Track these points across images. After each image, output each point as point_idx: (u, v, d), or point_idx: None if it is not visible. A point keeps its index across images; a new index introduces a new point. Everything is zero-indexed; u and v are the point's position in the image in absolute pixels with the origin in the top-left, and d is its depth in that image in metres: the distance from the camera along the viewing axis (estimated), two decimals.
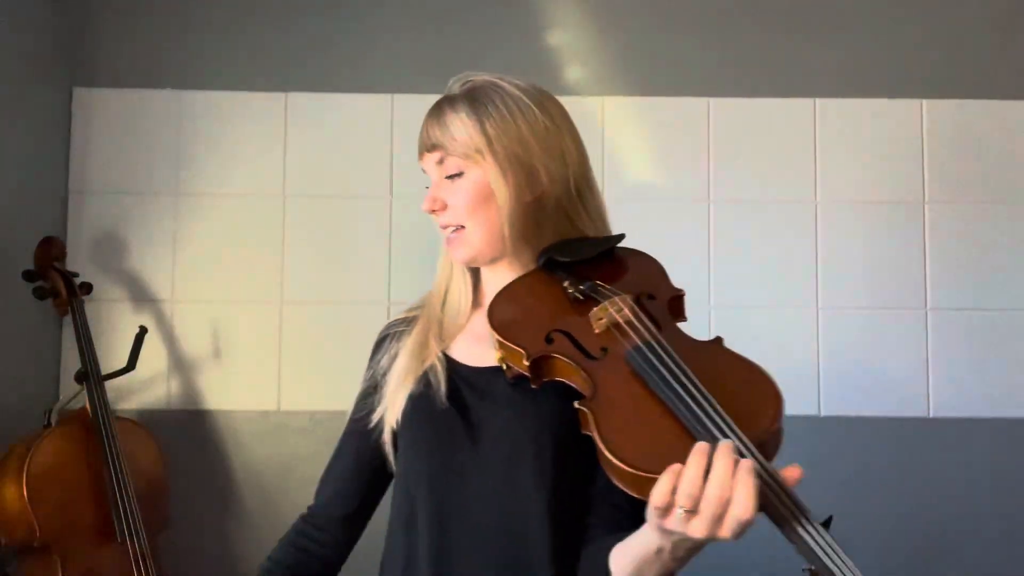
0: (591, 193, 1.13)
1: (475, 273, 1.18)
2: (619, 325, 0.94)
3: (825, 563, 0.74)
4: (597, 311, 0.96)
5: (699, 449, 0.77)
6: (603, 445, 0.82)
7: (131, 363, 1.90)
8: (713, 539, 0.77)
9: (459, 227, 1.09)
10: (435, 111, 1.10)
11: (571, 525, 1.02)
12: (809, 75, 2.12)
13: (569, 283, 1.02)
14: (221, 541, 2.03)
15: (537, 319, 1.00)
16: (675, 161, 2.11)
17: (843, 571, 0.73)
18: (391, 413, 1.11)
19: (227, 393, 2.06)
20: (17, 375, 1.89)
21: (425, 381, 1.09)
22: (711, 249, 2.09)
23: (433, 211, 1.10)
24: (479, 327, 1.10)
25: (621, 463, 0.80)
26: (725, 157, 2.10)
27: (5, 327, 1.85)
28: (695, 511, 0.75)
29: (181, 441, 2.01)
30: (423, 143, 1.11)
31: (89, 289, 1.97)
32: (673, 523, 0.77)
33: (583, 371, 0.91)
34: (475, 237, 1.09)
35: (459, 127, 1.06)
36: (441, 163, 1.09)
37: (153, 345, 2.03)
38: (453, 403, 1.07)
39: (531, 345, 0.96)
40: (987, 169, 2.10)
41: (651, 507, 0.78)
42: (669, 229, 2.09)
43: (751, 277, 2.07)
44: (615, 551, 0.92)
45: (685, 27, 2.14)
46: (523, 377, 0.98)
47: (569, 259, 1.06)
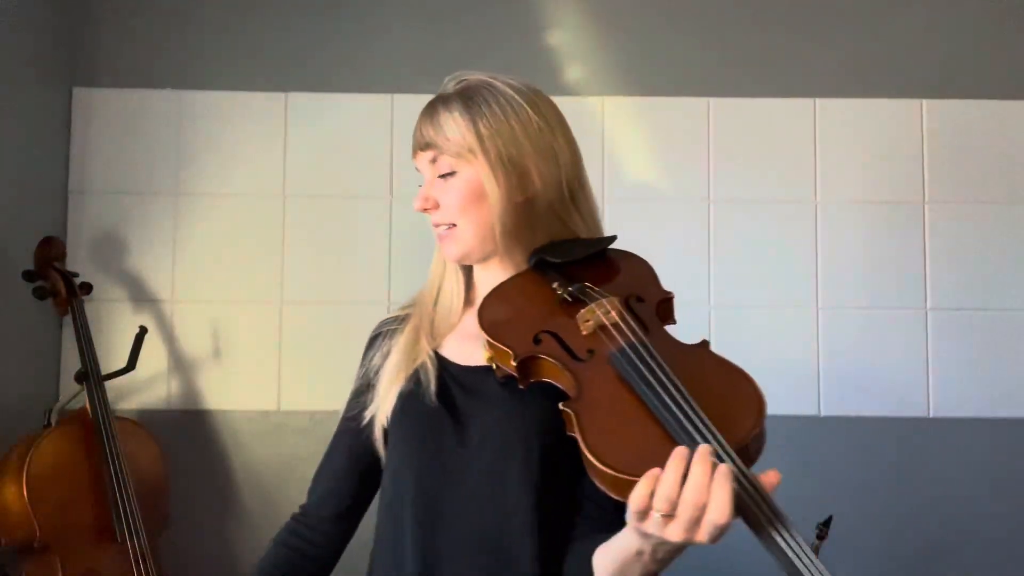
0: (584, 194, 1.13)
1: (468, 272, 1.18)
2: (606, 327, 0.94)
3: (799, 568, 0.74)
4: (584, 313, 0.96)
5: (677, 454, 0.77)
6: (585, 447, 0.83)
7: (131, 363, 1.90)
8: (690, 543, 0.77)
9: (451, 225, 1.10)
10: (429, 110, 1.10)
11: (557, 525, 1.03)
12: (809, 75, 2.12)
13: (559, 284, 1.02)
14: (221, 541, 2.03)
15: (526, 320, 1.00)
16: (675, 161, 2.11)
17: None
18: (382, 410, 1.11)
19: (227, 393, 2.06)
20: (17, 375, 1.89)
21: (415, 379, 1.10)
22: (711, 249, 2.09)
23: (425, 209, 1.11)
24: (471, 326, 1.10)
25: (602, 465, 0.81)
26: (725, 157, 2.10)
27: (5, 327, 1.85)
28: (672, 515, 0.76)
29: (181, 441, 2.01)
30: (416, 142, 1.11)
31: (89, 289, 1.97)
32: (651, 526, 0.78)
33: (569, 372, 0.92)
34: (466, 235, 1.09)
35: (452, 126, 1.06)
36: (434, 162, 1.09)
37: (153, 345, 2.03)
38: (443, 402, 1.08)
39: (519, 346, 0.96)
40: (987, 169, 2.10)
41: (630, 510, 0.79)
42: (669, 229, 2.09)
43: (751, 277, 2.07)
44: (598, 552, 0.93)
45: (685, 27, 2.14)
46: (512, 377, 0.98)
47: (560, 260, 1.06)
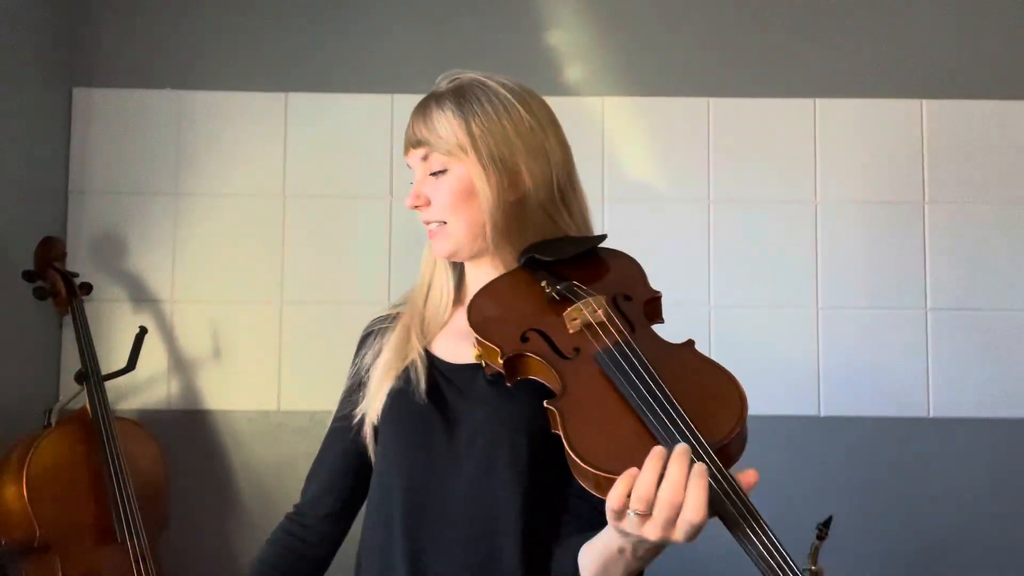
0: (575, 194, 1.13)
1: (459, 271, 1.18)
2: (592, 326, 0.95)
3: (773, 567, 0.75)
4: (571, 311, 0.97)
5: (655, 453, 0.78)
6: (568, 444, 0.84)
7: (131, 363, 1.90)
8: (667, 542, 0.78)
9: (441, 223, 1.10)
10: (421, 108, 1.11)
11: (544, 523, 1.03)
12: (809, 75, 2.12)
13: (547, 283, 1.03)
14: (221, 541, 2.03)
15: (514, 318, 1.01)
16: (675, 161, 2.11)
17: None
18: (372, 409, 1.12)
19: (227, 393, 2.06)
20: (17, 375, 1.89)
21: (405, 377, 1.10)
22: (711, 249, 2.09)
23: (416, 207, 1.11)
24: (461, 324, 1.10)
25: (583, 463, 0.81)
26: (725, 157, 2.10)
27: (5, 327, 1.85)
28: (648, 514, 0.76)
29: (181, 441, 2.01)
30: (409, 139, 1.12)
31: (89, 289, 1.97)
32: (627, 525, 0.78)
33: (555, 370, 0.92)
34: (457, 233, 1.09)
35: (444, 124, 1.07)
36: (426, 159, 1.10)
37: (153, 345, 2.03)
38: (432, 399, 1.08)
39: (506, 343, 0.97)
40: (987, 169, 2.10)
41: (608, 509, 0.79)
42: (669, 229, 2.09)
43: (751, 277, 2.07)
44: (583, 550, 0.93)
45: (685, 27, 2.14)
46: (501, 375, 0.98)
47: (550, 259, 1.06)
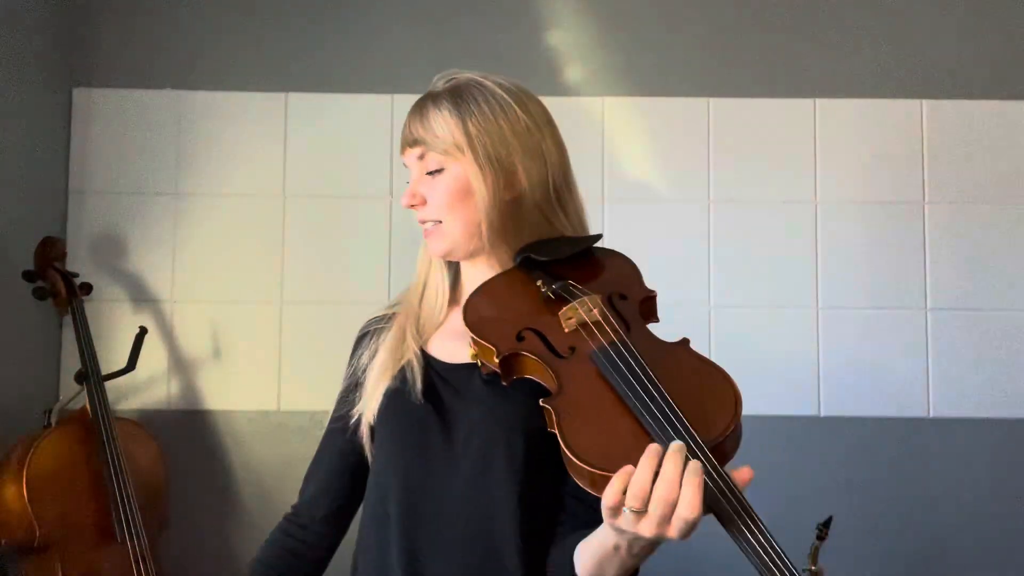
0: (570, 194, 1.14)
1: (454, 270, 1.18)
2: (588, 325, 0.95)
3: (768, 565, 0.75)
4: (567, 310, 0.97)
5: (650, 451, 0.79)
6: (563, 442, 0.84)
7: (131, 363, 1.90)
8: (662, 539, 0.79)
9: (436, 222, 1.11)
10: (418, 107, 1.11)
11: (541, 522, 1.04)
12: (809, 75, 2.12)
13: (543, 282, 1.03)
14: (221, 541, 2.03)
15: (510, 317, 1.01)
16: (675, 161, 2.11)
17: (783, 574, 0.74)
18: (369, 409, 1.12)
19: (227, 393, 2.06)
20: (17, 375, 1.89)
21: (402, 377, 1.10)
22: (711, 249, 2.08)
23: (412, 206, 1.12)
24: (457, 324, 1.11)
25: (579, 461, 0.82)
26: (725, 157, 2.10)
27: (5, 327, 1.85)
28: (643, 511, 0.77)
29: (181, 441, 2.01)
30: (405, 138, 1.12)
31: (89, 289, 1.97)
32: (623, 522, 0.79)
33: (551, 369, 0.93)
34: (452, 232, 1.10)
35: (441, 124, 1.07)
36: (422, 158, 1.10)
37: (153, 345, 2.03)
38: (429, 399, 1.08)
39: (502, 343, 0.98)
40: (987, 169, 2.10)
41: (603, 506, 0.80)
42: (669, 229, 2.09)
43: (751, 277, 2.07)
44: (578, 548, 0.94)
45: (685, 27, 2.14)
46: (497, 374, 0.99)
47: (545, 258, 1.07)
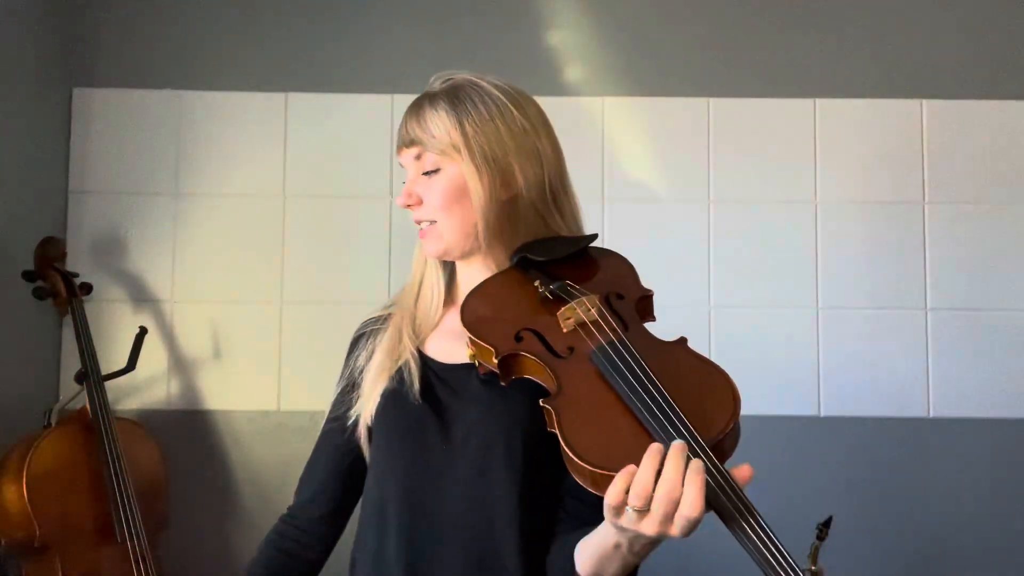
0: (566, 195, 1.14)
1: (449, 270, 1.19)
2: (586, 325, 0.95)
3: (770, 561, 0.76)
4: (565, 310, 0.97)
5: (652, 450, 0.79)
6: (564, 442, 0.84)
7: (131, 363, 1.90)
8: (665, 537, 0.79)
9: (432, 222, 1.11)
10: (414, 107, 1.11)
11: (540, 521, 1.04)
12: (809, 75, 2.12)
13: (540, 282, 1.03)
14: (221, 541, 2.03)
15: (508, 318, 1.01)
16: (675, 161, 2.11)
17: (786, 572, 0.75)
18: (366, 410, 1.12)
19: (227, 393, 2.06)
20: (17, 375, 1.89)
21: (399, 377, 1.11)
22: (711, 249, 2.09)
23: (408, 205, 1.12)
24: (454, 324, 1.11)
25: (580, 460, 0.82)
26: (725, 157, 2.10)
27: (5, 327, 1.85)
28: (646, 510, 0.77)
29: (181, 441, 2.01)
30: (401, 138, 1.12)
31: (89, 289, 1.97)
32: (625, 521, 0.80)
33: (549, 370, 0.93)
34: (448, 232, 1.10)
35: (437, 124, 1.08)
36: (418, 159, 1.10)
37: (153, 345, 2.03)
38: (426, 399, 1.09)
39: (500, 343, 0.98)
40: (987, 169, 2.10)
41: (605, 505, 0.80)
42: (669, 229, 2.09)
43: (751, 277, 2.07)
44: (579, 546, 0.94)
45: (685, 27, 2.14)
46: (495, 374, 0.99)
47: (542, 258, 1.07)
